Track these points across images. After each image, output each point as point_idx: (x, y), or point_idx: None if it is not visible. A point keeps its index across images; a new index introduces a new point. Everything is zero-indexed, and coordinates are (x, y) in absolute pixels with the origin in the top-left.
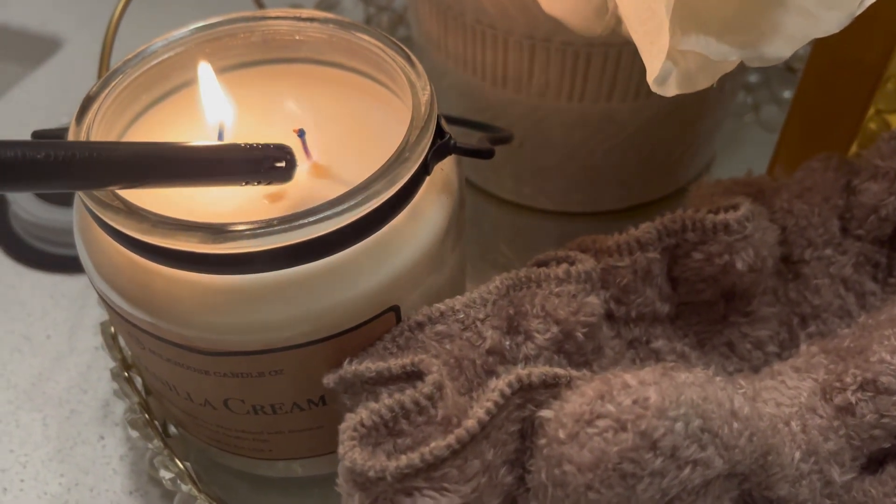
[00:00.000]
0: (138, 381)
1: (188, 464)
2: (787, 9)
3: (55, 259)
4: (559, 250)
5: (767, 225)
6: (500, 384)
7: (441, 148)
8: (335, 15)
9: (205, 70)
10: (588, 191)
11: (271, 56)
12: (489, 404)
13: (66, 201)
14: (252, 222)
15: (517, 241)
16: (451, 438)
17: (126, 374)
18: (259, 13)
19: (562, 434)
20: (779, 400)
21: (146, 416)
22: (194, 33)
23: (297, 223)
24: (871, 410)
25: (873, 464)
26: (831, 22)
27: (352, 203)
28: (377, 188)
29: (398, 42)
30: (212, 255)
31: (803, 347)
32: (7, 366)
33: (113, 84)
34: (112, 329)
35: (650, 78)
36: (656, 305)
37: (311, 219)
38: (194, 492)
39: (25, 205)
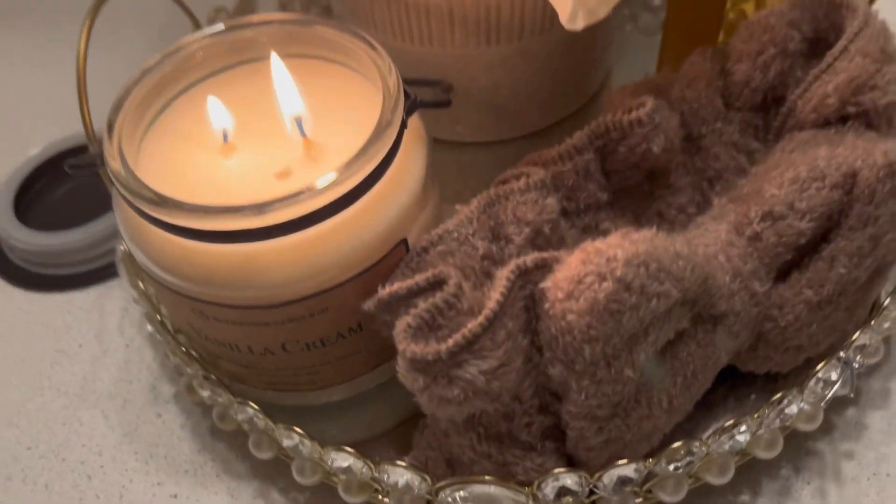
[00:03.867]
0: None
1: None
2: None
3: (59, 279)
4: (513, 169)
5: (669, 113)
6: (504, 272)
7: (410, 107)
8: (292, 14)
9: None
10: (513, 118)
11: (247, 57)
12: (502, 288)
13: (49, 227)
14: (286, 194)
15: (463, 173)
16: (481, 318)
17: (182, 348)
18: (230, 23)
19: (560, 294)
20: (706, 242)
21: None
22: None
23: (323, 186)
24: (772, 234)
25: (781, 274)
26: None
27: (361, 162)
28: (376, 148)
29: (356, 30)
30: (262, 227)
31: (715, 201)
32: (52, 378)
33: (128, 100)
34: (158, 316)
35: (563, 19)
36: (598, 196)
37: (334, 180)
38: (269, 423)
39: (17, 235)
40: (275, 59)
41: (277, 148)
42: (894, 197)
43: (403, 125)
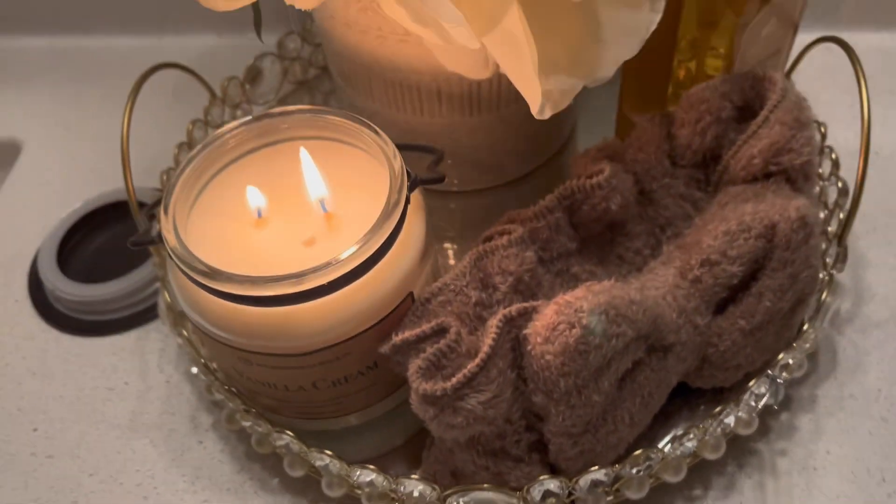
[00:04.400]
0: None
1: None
2: (604, 45)
3: (102, 325)
4: (496, 227)
5: (625, 176)
6: (494, 321)
7: (412, 185)
8: (308, 106)
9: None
10: (494, 171)
11: (272, 140)
12: (492, 334)
13: (87, 277)
14: (320, 264)
15: (452, 217)
16: (477, 360)
17: (225, 387)
18: (257, 114)
19: (539, 339)
20: (656, 286)
21: (251, 409)
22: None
23: (346, 257)
24: (710, 277)
25: (719, 309)
26: (633, 45)
27: (375, 236)
28: (388, 223)
29: (362, 119)
30: (299, 292)
31: (664, 248)
32: (105, 414)
33: (180, 181)
34: (202, 360)
35: (534, 111)
36: (568, 245)
37: (354, 250)
38: (303, 448)
39: (63, 287)
40: (303, 153)
41: (303, 220)
42: (806, 243)
43: (407, 201)
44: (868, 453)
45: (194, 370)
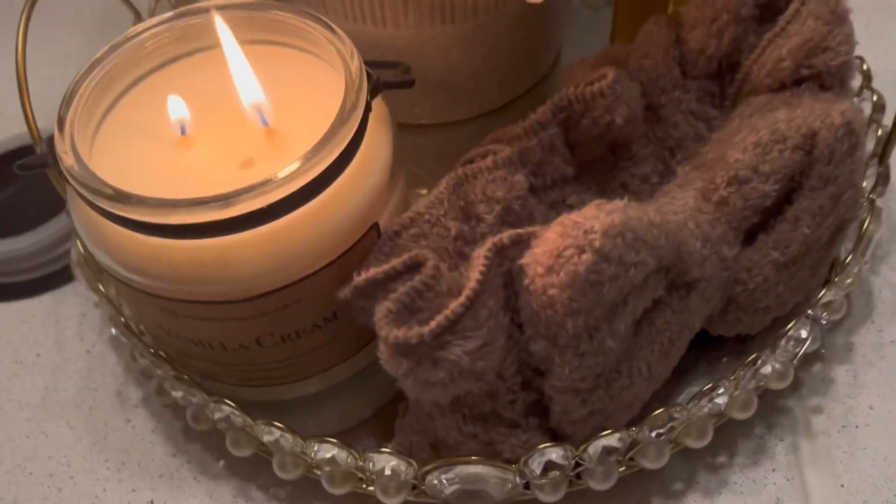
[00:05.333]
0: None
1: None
2: None
3: (9, 287)
4: (478, 148)
5: (630, 84)
6: (482, 251)
7: (373, 88)
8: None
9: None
10: (470, 98)
11: (199, 46)
12: (480, 266)
13: None
14: (255, 183)
15: (422, 157)
16: (462, 298)
17: (151, 350)
18: (180, 10)
19: (541, 270)
20: (674, 210)
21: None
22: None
23: (288, 174)
24: (739, 198)
25: (748, 237)
26: None
27: (327, 149)
28: (343, 133)
29: (315, 13)
30: (230, 218)
31: (679, 169)
32: (11, 391)
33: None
34: (122, 318)
35: None
36: (563, 170)
37: (298, 167)
38: (247, 420)
39: None
40: (229, 45)
41: (238, 138)
42: (851, 156)
43: (368, 108)
44: None
45: (114, 331)
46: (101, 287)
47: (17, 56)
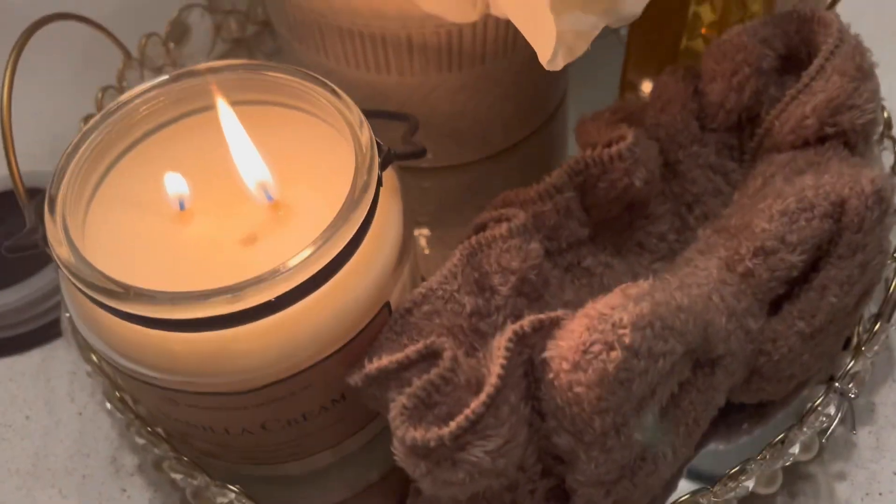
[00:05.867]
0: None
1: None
2: None
3: None
4: (491, 211)
5: (648, 143)
6: (502, 341)
7: (384, 161)
8: (240, 60)
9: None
10: (475, 142)
11: (195, 107)
12: (501, 360)
13: None
14: (263, 273)
15: (425, 198)
16: (483, 397)
17: (147, 428)
18: (175, 73)
19: (566, 365)
20: (698, 282)
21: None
22: (115, 110)
23: (306, 259)
24: (765, 269)
25: (773, 306)
26: None
27: (340, 232)
28: (356, 214)
29: (317, 77)
30: (237, 311)
31: (700, 232)
32: (0, 456)
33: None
34: (117, 393)
35: (543, 60)
36: (579, 233)
37: (311, 252)
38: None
39: None
40: (227, 118)
41: (240, 210)
42: (881, 223)
43: (379, 183)
44: None
45: (108, 406)
46: (94, 358)
47: (1, 109)
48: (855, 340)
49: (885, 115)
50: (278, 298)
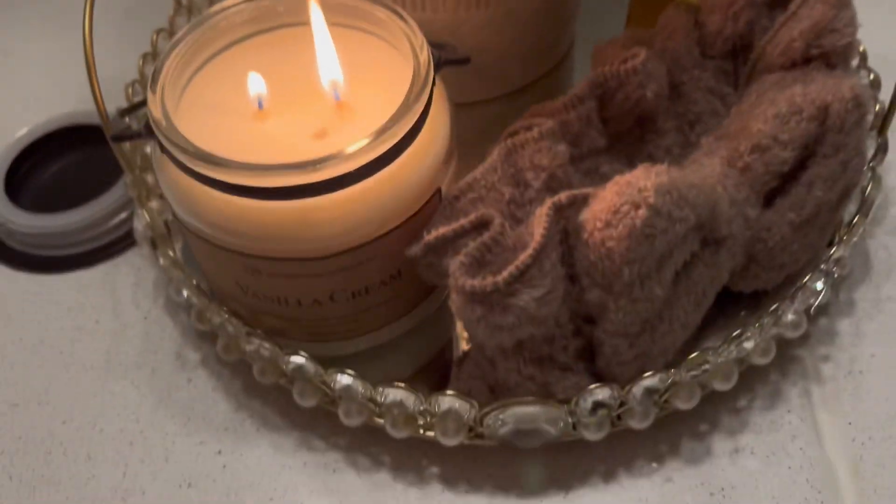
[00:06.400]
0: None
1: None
2: None
3: (62, 260)
4: (521, 121)
5: (658, 62)
6: (543, 210)
7: (435, 65)
8: None
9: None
10: (495, 78)
11: (267, 26)
12: (544, 222)
13: (43, 208)
14: (337, 152)
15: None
16: (530, 251)
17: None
18: None
19: (599, 224)
20: (704, 176)
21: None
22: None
23: (369, 143)
24: (761, 164)
25: (767, 201)
26: None
27: (402, 122)
28: (416, 107)
29: (389, 4)
30: (314, 182)
31: (703, 140)
32: (74, 355)
33: (173, 54)
34: (194, 282)
35: None
36: (597, 141)
37: (378, 138)
38: (319, 370)
39: (14, 219)
40: (318, 25)
41: (311, 110)
42: (859, 125)
43: (433, 83)
44: None
45: (185, 293)
46: (170, 252)
47: (84, 36)
48: (837, 239)
49: (862, 48)
50: (349, 173)
